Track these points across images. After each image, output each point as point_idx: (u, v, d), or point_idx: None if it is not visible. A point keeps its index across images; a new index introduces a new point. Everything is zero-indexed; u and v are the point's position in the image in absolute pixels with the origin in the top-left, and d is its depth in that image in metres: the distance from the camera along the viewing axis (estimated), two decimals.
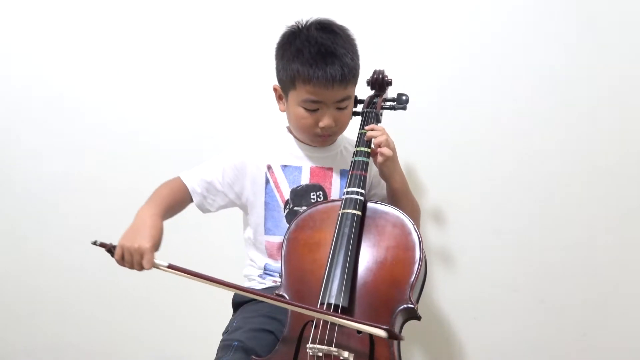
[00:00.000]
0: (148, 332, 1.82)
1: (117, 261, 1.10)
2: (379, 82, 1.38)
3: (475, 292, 1.70)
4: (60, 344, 1.86)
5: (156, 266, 1.08)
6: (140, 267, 1.08)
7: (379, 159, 1.21)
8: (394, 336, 1.00)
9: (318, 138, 1.28)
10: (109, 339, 1.84)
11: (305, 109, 1.23)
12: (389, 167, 1.24)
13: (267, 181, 1.30)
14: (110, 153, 1.77)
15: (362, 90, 1.39)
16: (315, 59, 1.18)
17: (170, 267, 1.07)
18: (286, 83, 1.25)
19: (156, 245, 1.10)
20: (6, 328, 1.88)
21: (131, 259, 1.08)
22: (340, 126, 1.28)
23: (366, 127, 1.25)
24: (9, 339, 1.88)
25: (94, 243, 1.08)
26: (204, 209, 1.32)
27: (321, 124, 1.23)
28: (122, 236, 1.10)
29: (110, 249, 1.10)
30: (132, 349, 1.83)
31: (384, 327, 0.98)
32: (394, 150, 1.24)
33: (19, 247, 1.83)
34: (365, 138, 1.23)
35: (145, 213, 1.15)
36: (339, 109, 1.24)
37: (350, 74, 1.20)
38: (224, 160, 1.32)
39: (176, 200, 1.25)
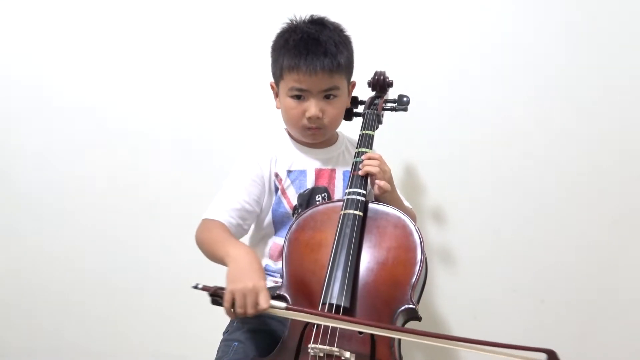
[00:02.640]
0: (148, 332, 1.82)
1: (226, 309, 1.01)
2: (380, 84, 1.39)
3: (475, 292, 1.70)
4: (60, 344, 1.85)
5: (273, 306, 0.99)
6: (255, 309, 0.99)
7: (376, 190, 1.20)
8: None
9: (307, 131, 1.27)
10: (109, 339, 1.84)
11: (292, 98, 1.23)
12: (386, 199, 1.22)
13: (277, 189, 1.28)
14: (111, 153, 1.77)
15: (363, 92, 1.40)
16: (298, 47, 1.19)
17: (289, 309, 0.99)
18: (277, 76, 1.26)
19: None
20: (6, 328, 1.87)
21: (244, 301, 0.99)
22: (330, 120, 1.25)
23: (363, 157, 1.22)
24: (9, 339, 1.87)
25: (195, 287, 1.00)
26: (240, 236, 1.26)
27: (307, 114, 1.22)
28: (228, 282, 1.02)
29: (216, 293, 1.00)
30: (132, 348, 1.83)
31: (545, 349, 0.91)
32: (390, 179, 1.23)
33: (19, 246, 1.83)
34: (360, 172, 1.20)
35: (239, 252, 1.07)
36: (326, 98, 1.23)
37: (334, 63, 1.19)
38: (242, 180, 1.26)
39: None
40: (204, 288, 1.00)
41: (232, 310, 1.01)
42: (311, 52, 1.18)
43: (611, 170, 1.62)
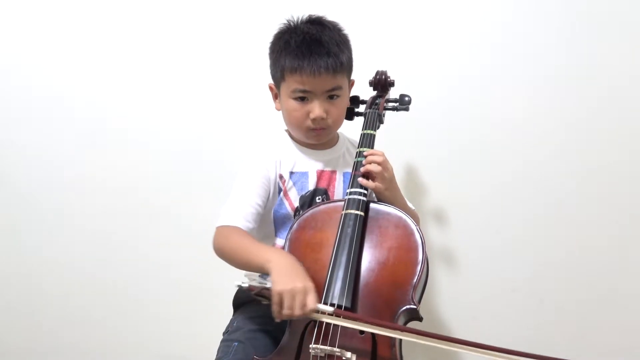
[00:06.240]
0: (148, 332, 1.81)
1: (275, 311, 1.02)
2: (382, 83, 1.39)
3: (475, 292, 1.70)
4: (60, 345, 1.85)
5: (320, 309, 1.00)
6: (303, 310, 1.00)
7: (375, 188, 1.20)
8: None
9: (311, 132, 1.26)
10: (109, 339, 1.84)
11: (295, 99, 1.22)
12: (388, 198, 1.22)
13: (280, 190, 1.28)
14: (110, 153, 1.77)
15: (365, 91, 1.39)
16: (301, 48, 1.19)
17: (337, 313, 1.00)
18: (277, 78, 1.25)
19: None
20: (6, 328, 1.87)
21: (293, 302, 1.00)
22: (334, 120, 1.25)
23: (365, 153, 1.22)
24: (9, 339, 1.87)
25: (240, 286, 1.02)
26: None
27: (312, 115, 1.22)
28: (276, 284, 1.02)
29: (261, 294, 1.02)
30: (132, 349, 1.83)
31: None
32: (391, 178, 1.22)
33: (19, 247, 1.83)
34: (361, 169, 1.20)
35: (279, 256, 1.09)
36: (330, 98, 1.23)
37: (337, 63, 1.19)
38: (252, 183, 1.25)
39: None
40: (250, 288, 1.02)
41: (280, 311, 1.01)
42: (314, 52, 1.18)
43: (611, 170, 1.62)
